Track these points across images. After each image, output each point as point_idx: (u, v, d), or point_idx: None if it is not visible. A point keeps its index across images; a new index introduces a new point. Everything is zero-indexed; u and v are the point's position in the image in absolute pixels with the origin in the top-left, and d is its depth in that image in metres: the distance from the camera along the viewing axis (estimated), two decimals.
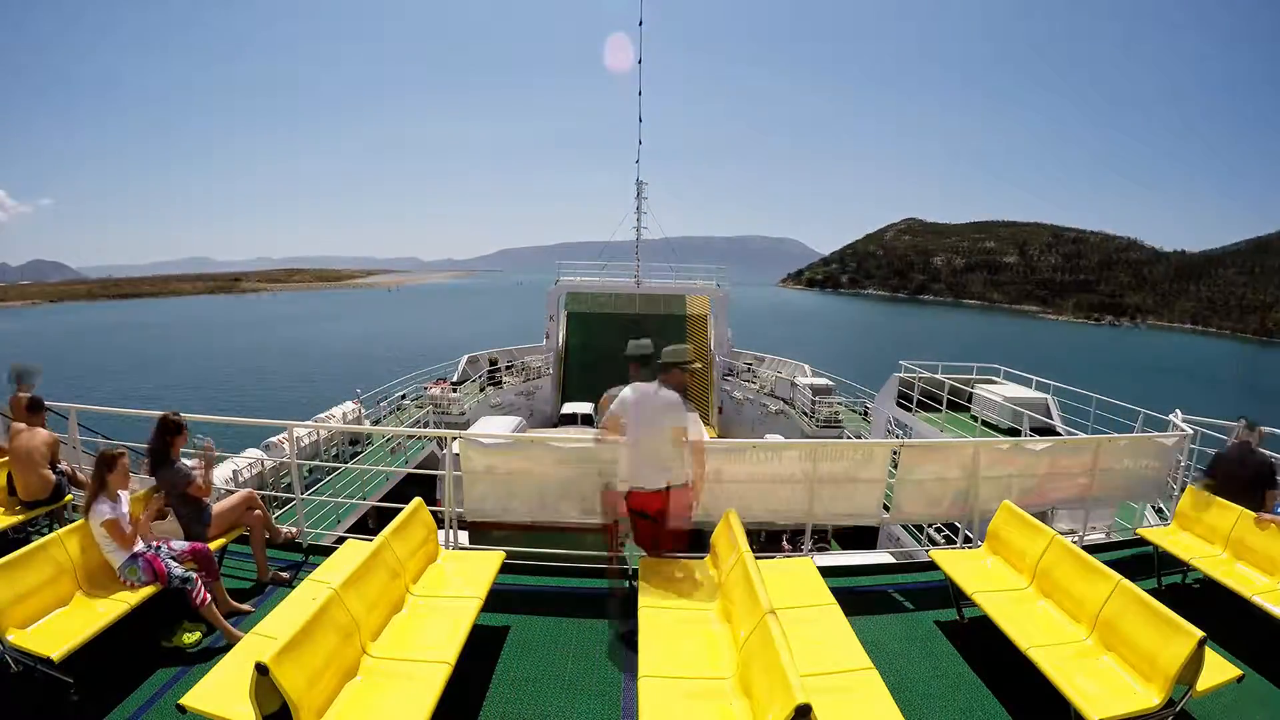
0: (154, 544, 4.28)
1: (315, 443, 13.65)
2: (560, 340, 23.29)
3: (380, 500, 11.03)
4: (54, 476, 5.36)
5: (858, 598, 4.82)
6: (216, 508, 4.86)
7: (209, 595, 4.12)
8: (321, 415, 15.21)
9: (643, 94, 25.12)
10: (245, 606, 4.46)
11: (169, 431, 4.71)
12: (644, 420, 4.25)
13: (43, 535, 4.31)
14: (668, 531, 4.41)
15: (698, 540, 4.84)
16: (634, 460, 4.32)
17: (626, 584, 4.68)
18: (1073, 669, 3.32)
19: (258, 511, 4.98)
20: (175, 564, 4.18)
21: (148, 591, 4.02)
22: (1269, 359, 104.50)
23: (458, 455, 5.23)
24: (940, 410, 13.96)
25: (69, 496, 5.48)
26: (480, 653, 3.96)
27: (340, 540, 5.06)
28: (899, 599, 4.99)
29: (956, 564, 4.56)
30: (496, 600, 4.27)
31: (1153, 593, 3.56)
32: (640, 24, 24.63)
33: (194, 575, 4.14)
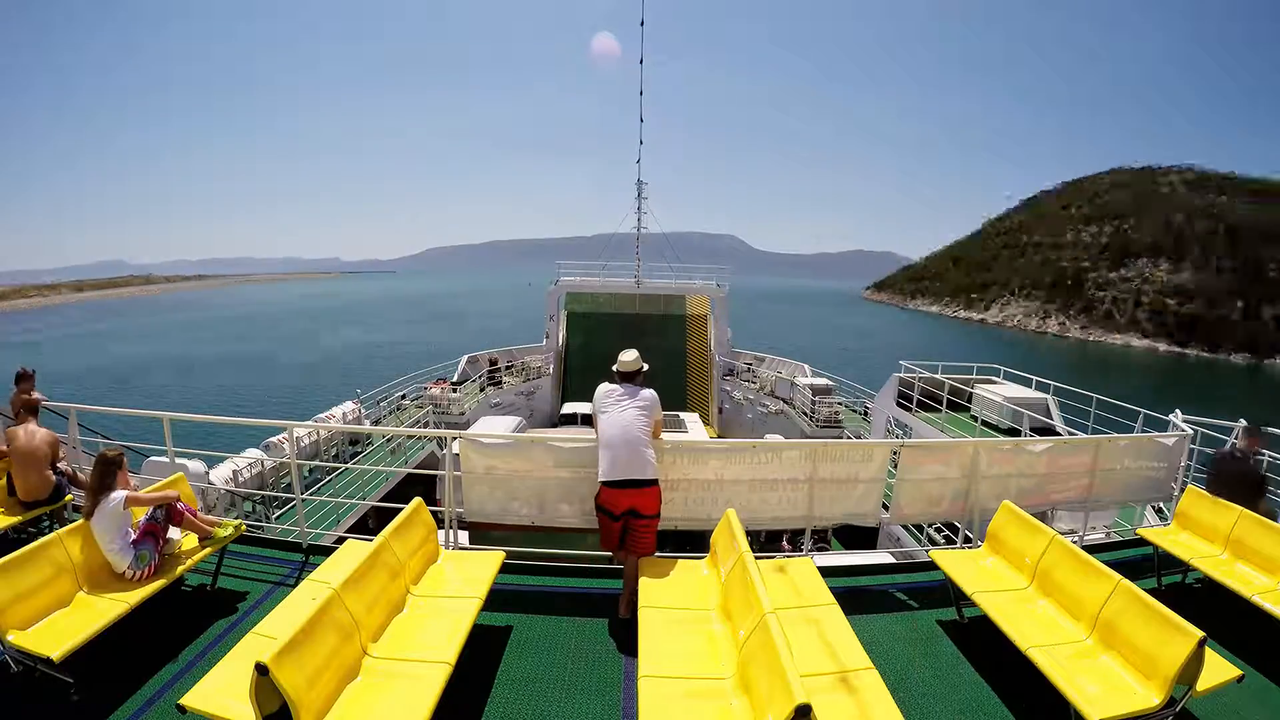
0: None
1: (315, 443, 13.67)
2: (560, 340, 23.30)
3: (380, 500, 11.03)
4: (54, 477, 5.37)
5: (858, 598, 4.82)
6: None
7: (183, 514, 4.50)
8: (321, 415, 15.22)
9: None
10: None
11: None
12: (603, 412, 4.50)
13: (43, 535, 4.31)
14: (640, 534, 4.40)
15: (698, 540, 4.82)
16: (600, 454, 4.44)
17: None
18: (1073, 669, 3.32)
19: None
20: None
21: (148, 591, 4.02)
22: None
23: (458, 455, 5.23)
24: (940, 410, 13.96)
25: (69, 496, 5.49)
26: (480, 653, 3.96)
27: (340, 540, 5.06)
28: (899, 599, 4.99)
29: (956, 564, 4.57)
30: (496, 600, 4.28)
31: (1153, 593, 3.57)
32: (642, 24, 24.59)
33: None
